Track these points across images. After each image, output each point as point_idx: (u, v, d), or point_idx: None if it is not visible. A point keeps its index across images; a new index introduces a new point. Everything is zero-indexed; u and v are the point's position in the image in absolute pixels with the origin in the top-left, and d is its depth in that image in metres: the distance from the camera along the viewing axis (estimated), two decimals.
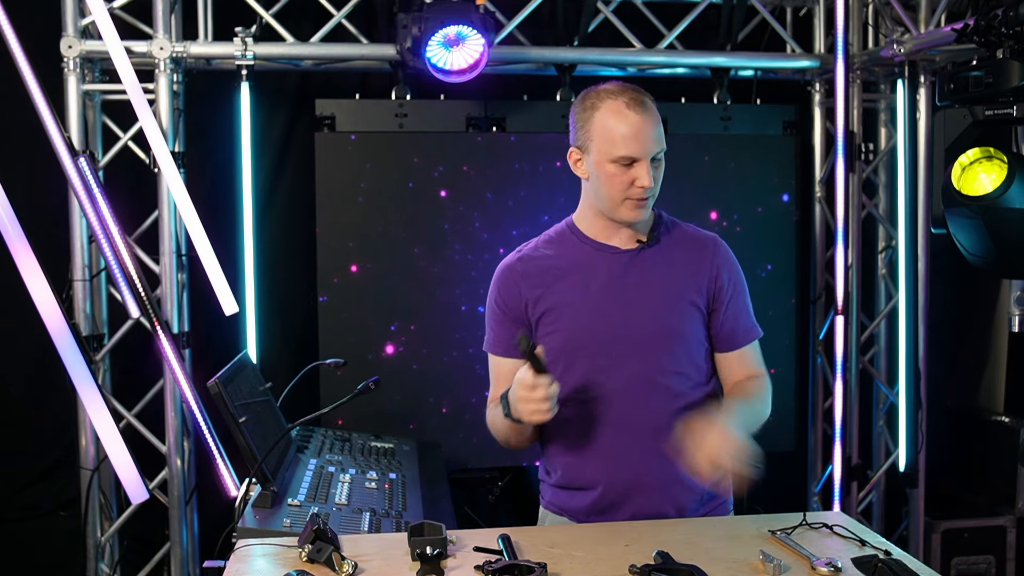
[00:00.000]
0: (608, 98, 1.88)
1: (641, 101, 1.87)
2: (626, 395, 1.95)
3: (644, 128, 1.85)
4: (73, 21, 3.26)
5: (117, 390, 3.55)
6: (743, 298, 2.05)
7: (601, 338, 1.95)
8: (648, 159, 1.86)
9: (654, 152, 1.87)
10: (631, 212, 1.92)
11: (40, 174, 3.32)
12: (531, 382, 1.75)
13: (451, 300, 3.64)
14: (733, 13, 3.72)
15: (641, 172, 1.86)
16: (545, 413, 1.78)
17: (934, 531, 3.79)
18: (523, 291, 2.01)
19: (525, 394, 1.77)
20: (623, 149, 1.85)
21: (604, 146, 1.87)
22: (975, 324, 4.31)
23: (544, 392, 1.75)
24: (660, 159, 1.89)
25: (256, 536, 1.90)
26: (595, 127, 1.89)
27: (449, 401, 3.66)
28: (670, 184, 3.64)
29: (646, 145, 1.85)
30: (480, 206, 3.64)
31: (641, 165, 1.86)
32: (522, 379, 1.77)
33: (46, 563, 3.64)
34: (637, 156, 1.85)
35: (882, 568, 1.63)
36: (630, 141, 1.85)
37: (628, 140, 1.85)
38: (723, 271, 2.01)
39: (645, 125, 1.85)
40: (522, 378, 1.77)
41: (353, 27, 3.60)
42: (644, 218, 1.95)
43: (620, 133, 1.85)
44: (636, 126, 1.85)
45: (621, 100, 1.87)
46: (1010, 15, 2.32)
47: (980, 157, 2.46)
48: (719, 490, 2.05)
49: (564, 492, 2.05)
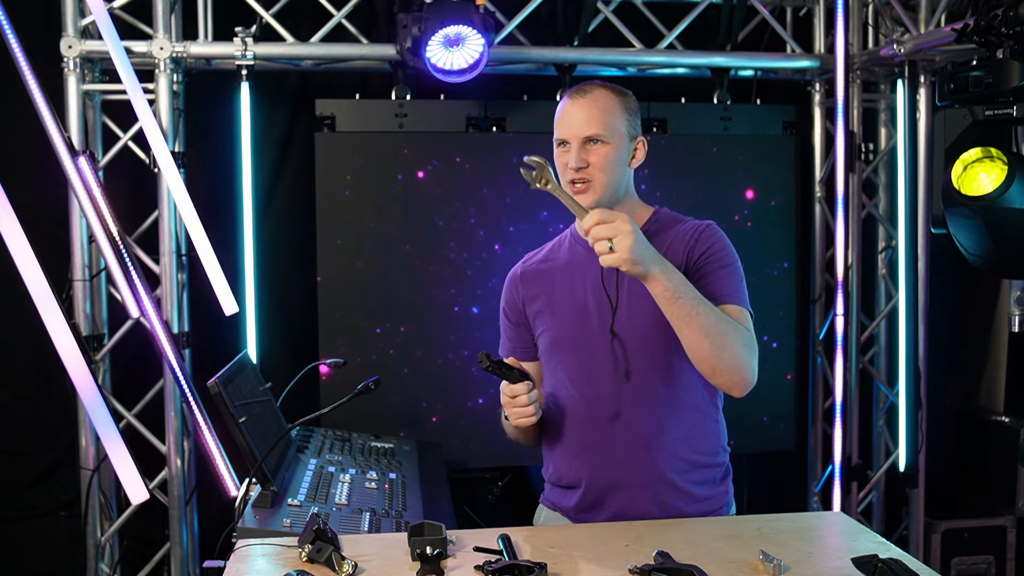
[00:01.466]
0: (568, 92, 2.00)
1: (584, 89, 1.95)
2: (608, 394, 1.96)
3: (573, 111, 1.93)
4: (73, 21, 3.26)
5: (117, 390, 3.55)
6: (721, 269, 1.94)
7: (584, 337, 1.98)
8: (578, 142, 1.91)
9: (582, 135, 1.91)
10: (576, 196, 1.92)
11: (40, 174, 3.32)
12: (510, 391, 1.90)
13: (448, 300, 3.64)
14: (733, 13, 3.72)
15: (569, 154, 1.93)
16: (530, 417, 1.91)
17: (934, 531, 3.79)
18: (520, 294, 2.10)
19: (508, 401, 1.92)
20: (557, 131, 1.96)
21: (554, 135, 1.98)
22: (975, 324, 4.31)
23: (524, 399, 1.89)
24: (599, 142, 1.91)
25: (256, 536, 1.90)
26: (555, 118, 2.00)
27: (449, 402, 3.65)
28: (670, 184, 3.73)
29: (572, 128, 1.92)
30: (479, 205, 3.64)
31: (570, 147, 1.93)
32: (502, 388, 1.92)
33: (46, 563, 3.64)
34: (564, 137, 1.94)
35: (882, 568, 1.63)
36: (562, 124, 1.95)
37: (562, 123, 1.95)
38: (700, 247, 1.94)
39: (576, 108, 1.93)
40: (502, 388, 1.92)
41: (353, 27, 3.60)
42: (587, 205, 1.89)
43: (559, 118, 1.96)
44: (568, 109, 1.94)
45: (571, 91, 1.97)
46: (1010, 15, 2.33)
47: (980, 157, 2.46)
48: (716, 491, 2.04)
49: (555, 489, 2.09)
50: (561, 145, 1.95)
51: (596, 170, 1.91)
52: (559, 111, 1.97)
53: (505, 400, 1.92)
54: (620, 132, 1.93)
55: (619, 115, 1.94)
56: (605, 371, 1.96)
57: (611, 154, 1.92)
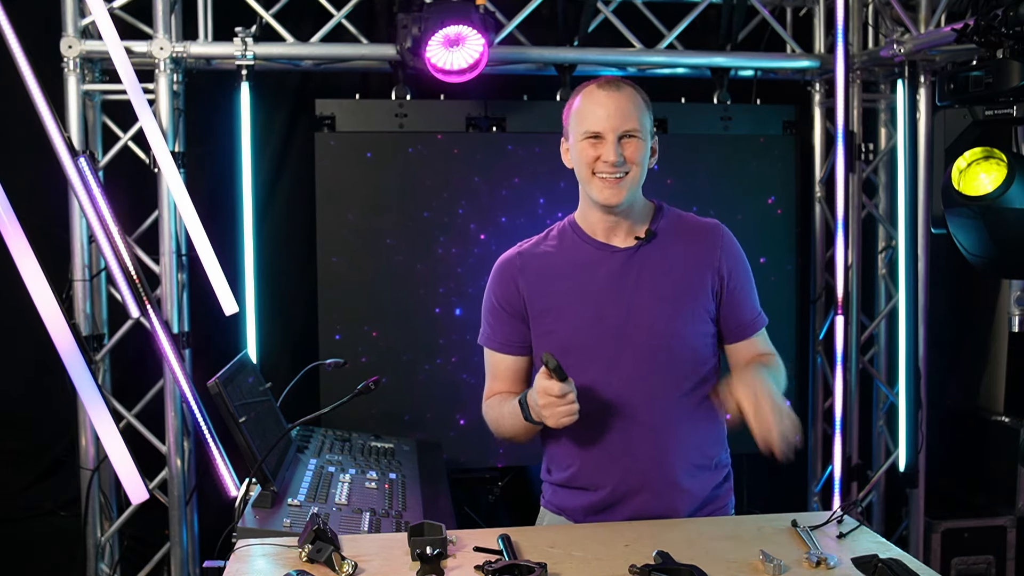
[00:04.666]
0: (587, 86, 1.96)
1: (615, 83, 1.93)
2: (625, 395, 1.95)
3: (610, 104, 1.89)
4: (73, 21, 3.26)
5: (117, 390, 3.55)
6: (748, 286, 2.05)
7: (600, 339, 1.95)
8: (614, 135, 1.89)
9: (621, 128, 1.89)
10: (602, 192, 1.93)
11: (40, 174, 3.32)
12: (559, 390, 1.79)
13: (450, 301, 3.64)
14: (733, 13, 3.73)
15: (606, 147, 1.89)
16: (573, 416, 1.82)
17: (934, 531, 3.79)
18: (520, 286, 2.02)
19: (553, 401, 1.80)
20: (589, 124, 1.91)
21: (578, 127, 1.94)
22: (975, 324, 4.30)
23: (572, 397, 1.80)
24: (635, 137, 1.91)
25: (256, 536, 1.90)
26: (573, 112, 1.97)
27: (450, 402, 3.65)
28: (670, 184, 3.72)
29: (611, 120, 1.89)
30: (478, 204, 3.64)
31: (606, 141, 1.90)
32: (547, 387, 1.79)
33: (46, 563, 3.64)
34: (600, 131, 1.90)
35: (882, 568, 1.63)
36: (595, 117, 1.90)
37: (594, 116, 1.91)
38: (726, 260, 2.01)
39: (612, 102, 1.90)
40: (547, 386, 1.79)
41: (353, 27, 3.60)
42: (620, 201, 1.93)
43: (589, 110, 1.92)
44: (602, 102, 1.90)
45: (595, 84, 1.95)
46: (1010, 15, 2.32)
47: (980, 157, 2.46)
48: (719, 492, 2.05)
49: (564, 491, 2.05)
50: (592, 138, 1.91)
51: (632, 164, 1.91)
52: (587, 103, 1.92)
53: (549, 400, 1.80)
54: (648, 131, 1.95)
55: (645, 113, 1.94)
56: (622, 375, 1.94)
57: (644, 149, 1.93)
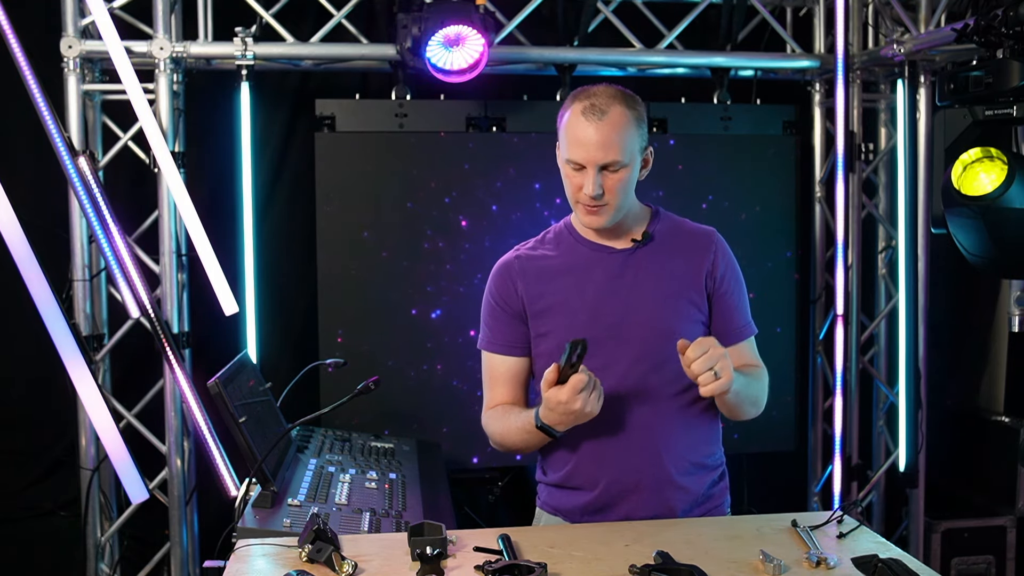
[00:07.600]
0: (577, 100, 1.91)
1: (600, 109, 1.86)
2: (622, 396, 1.96)
3: (592, 137, 1.85)
4: (73, 21, 3.26)
5: (117, 390, 3.55)
6: (739, 293, 2.06)
7: (596, 339, 1.95)
8: (595, 168, 1.87)
9: (600, 162, 1.87)
10: (584, 216, 1.95)
11: (40, 174, 3.32)
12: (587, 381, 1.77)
13: (451, 301, 3.64)
14: (733, 13, 3.72)
15: (586, 179, 1.88)
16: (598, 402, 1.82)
17: (934, 531, 3.79)
18: (519, 288, 2.04)
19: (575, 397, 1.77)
20: (571, 153, 1.89)
21: (563, 146, 1.93)
22: (975, 324, 4.31)
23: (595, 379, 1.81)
24: (616, 170, 1.88)
25: (256, 536, 1.90)
26: (562, 128, 1.94)
27: (450, 401, 3.65)
28: (671, 184, 3.73)
29: (590, 153, 1.86)
30: (478, 204, 3.64)
31: (587, 172, 1.88)
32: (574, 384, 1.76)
33: (46, 563, 3.64)
34: (580, 162, 1.89)
35: (882, 568, 1.63)
36: (577, 147, 1.88)
37: (575, 146, 1.88)
38: (720, 265, 2.02)
39: (595, 133, 1.85)
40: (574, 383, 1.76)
41: (353, 27, 3.60)
42: (599, 225, 1.95)
43: (573, 137, 1.88)
44: (584, 134, 1.86)
45: (584, 104, 1.88)
46: (1010, 15, 2.32)
47: (980, 157, 2.46)
48: (715, 491, 2.06)
49: (559, 492, 2.06)
50: (575, 167, 1.90)
51: (611, 195, 1.91)
52: (572, 128, 1.88)
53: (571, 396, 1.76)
54: (635, 152, 1.92)
55: (633, 134, 1.90)
56: (619, 373, 1.95)
57: (627, 176, 1.91)
